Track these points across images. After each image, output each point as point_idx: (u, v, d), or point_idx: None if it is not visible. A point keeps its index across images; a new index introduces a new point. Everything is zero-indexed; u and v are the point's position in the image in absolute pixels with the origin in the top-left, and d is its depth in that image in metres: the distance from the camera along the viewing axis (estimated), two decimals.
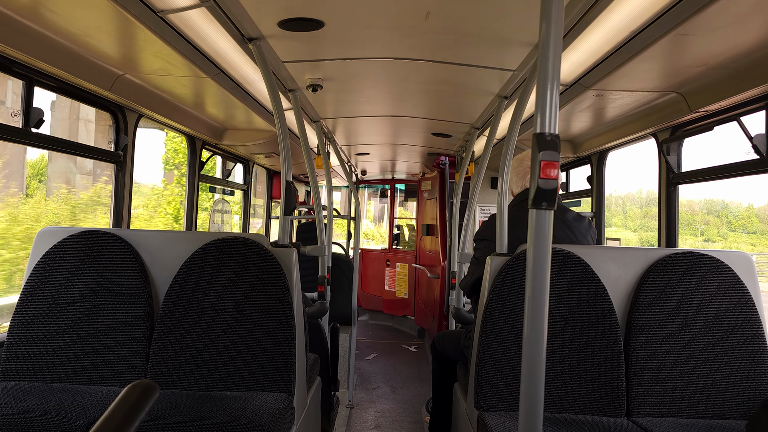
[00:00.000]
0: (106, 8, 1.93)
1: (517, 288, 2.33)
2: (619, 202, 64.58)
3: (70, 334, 2.35)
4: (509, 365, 2.28)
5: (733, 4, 1.70)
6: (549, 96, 1.29)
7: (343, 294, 5.29)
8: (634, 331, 2.32)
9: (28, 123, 2.43)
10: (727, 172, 2.74)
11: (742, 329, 2.29)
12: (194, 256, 2.42)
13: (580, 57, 2.41)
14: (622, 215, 62.55)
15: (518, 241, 2.64)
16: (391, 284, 9.00)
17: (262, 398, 2.18)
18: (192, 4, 2.02)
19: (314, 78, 3.10)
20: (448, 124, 4.41)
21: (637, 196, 66.59)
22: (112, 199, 3.24)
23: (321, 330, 3.75)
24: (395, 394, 5.53)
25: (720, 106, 2.57)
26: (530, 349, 1.32)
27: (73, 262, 2.41)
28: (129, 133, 3.22)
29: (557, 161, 1.27)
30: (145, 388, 0.90)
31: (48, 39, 2.26)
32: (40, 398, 2.06)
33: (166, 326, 2.35)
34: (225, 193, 5.36)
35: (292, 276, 2.46)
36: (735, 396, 2.26)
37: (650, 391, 2.28)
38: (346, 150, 6.15)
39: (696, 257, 2.37)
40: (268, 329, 2.34)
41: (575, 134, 4.00)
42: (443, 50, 2.60)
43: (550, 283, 1.32)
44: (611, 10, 1.92)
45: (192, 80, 2.90)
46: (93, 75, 2.62)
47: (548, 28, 1.30)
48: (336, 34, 2.40)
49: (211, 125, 4.14)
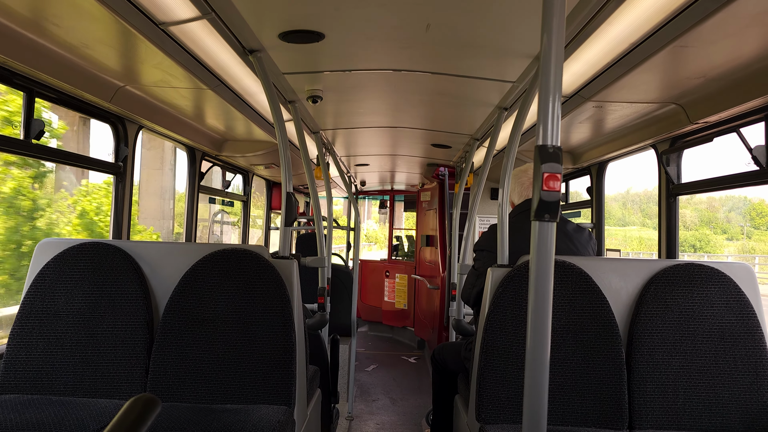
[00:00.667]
0: (107, 20, 1.94)
1: (518, 299, 2.32)
2: (636, 200, 62.71)
3: (70, 346, 2.34)
4: (511, 377, 2.27)
5: (732, 16, 1.71)
6: (551, 108, 1.29)
7: (342, 305, 5.28)
8: (636, 342, 2.31)
9: (29, 134, 2.43)
10: (727, 183, 2.74)
11: (745, 341, 2.28)
12: (194, 267, 2.42)
13: (580, 68, 2.42)
14: (640, 213, 60.15)
15: (518, 252, 2.64)
16: (391, 295, 8.97)
17: (263, 411, 2.16)
18: (193, 17, 2.03)
19: (314, 89, 3.10)
20: (447, 135, 4.42)
21: (654, 193, 64.53)
22: (112, 210, 3.24)
23: (321, 341, 3.73)
24: (395, 406, 5.50)
25: (719, 117, 2.57)
26: (533, 362, 1.31)
27: (73, 273, 2.40)
28: (129, 144, 3.22)
29: (560, 173, 1.27)
30: (146, 402, 0.89)
31: (49, 51, 2.27)
32: (38, 411, 2.04)
33: (166, 338, 2.33)
34: (224, 204, 5.36)
35: (293, 287, 2.45)
36: (737, 409, 2.24)
37: (652, 403, 2.26)
38: (346, 161, 6.16)
39: (697, 269, 2.37)
40: (268, 341, 2.33)
41: (575, 145, 4.01)
42: (443, 62, 2.61)
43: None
44: (611, 23, 1.93)
45: (192, 92, 2.91)
46: (94, 86, 2.62)
47: (549, 40, 1.30)
48: (336, 46, 2.41)
49: (211, 136, 4.15)
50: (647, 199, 61.09)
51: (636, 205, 61.55)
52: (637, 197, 62.29)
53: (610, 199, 59.30)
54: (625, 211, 60.71)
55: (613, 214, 58.72)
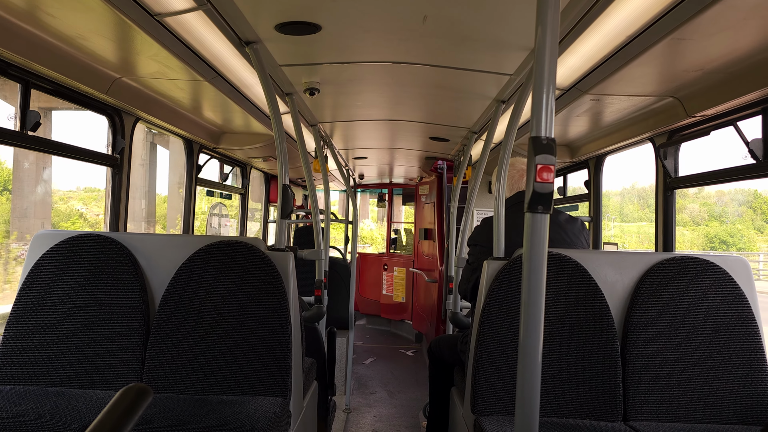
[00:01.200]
0: (102, 11, 1.93)
1: (513, 292, 2.32)
2: (643, 194, 60.39)
3: (66, 337, 2.34)
4: (506, 370, 2.28)
5: (729, 8, 1.71)
6: (545, 99, 1.29)
7: (340, 298, 5.29)
8: (631, 335, 2.32)
9: (25, 126, 2.43)
10: (724, 177, 2.74)
11: (739, 334, 2.29)
12: (190, 259, 2.42)
13: (577, 62, 2.42)
14: (642, 202, 57.53)
15: (513, 245, 2.64)
16: (389, 288, 8.98)
17: (258, 402, 2.17)
18: (189, 7, 2.02)
19: (311, 82, 3.09)
20: (445, 129, 4.41)
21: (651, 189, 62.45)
22: (109, 202, 3.24)
23: (318, 334, 3.74)
24: (392, 399, 5.51)
25: (716, 110, 2.57)
26: (526, 354, 1.31)
27: (69, 265, 2.41)
28: (126, 136, 3.22)
29: (553, 165, 1.27)
30: (138, 392, 0.90)
31: (45, 42, 2.26)
32: (35, 402, 2.05)
33: (162, 329, 2.34)
34: (222, 197, 5.36)
35: (289, 280, 2.45)
36: (732, 401, 2.25)
37: (647, 395, 2.27)
38: (344, 154, 6.15)
39: (693, 262, 2.37)
40: (264, 333, 2.33)
41: (572, 138, 4.01)
42: (441, 54, 2.60)
43: (546, 288, 1.32)
44: (607, 15, 1.92)
45: (189, 84, 2.90)
46: (90, 78, 2.61)
47: (544, 32, 1.30)
48: (333, 38, 2.40)
49: (208, 129, 4.14)
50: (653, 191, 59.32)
51: (642, 200, 60.21)
52: (644, 192, 61.03)
53: (615, 194, 58.24)
54: (632, 207, 59.48)
55: (626, 212, 57.33)
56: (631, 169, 78.37)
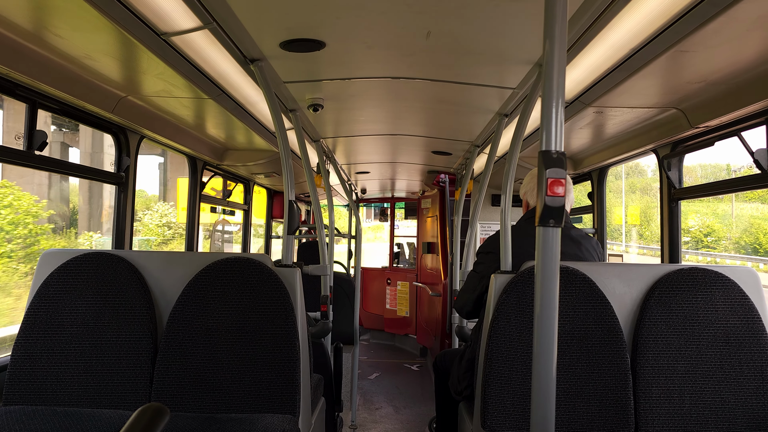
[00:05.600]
0: (109, 31, 1.95)
1: (522, 305, 2.31)
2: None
3: (74, 356, 2.33)
4: (516, 384, 2.26)
5: (732, 20, 1.72)
6: (554, 113, 1.30)
7: (344, 313, 5.27)
8: (641, 348, 2.30)
9: (32, 146, 2.44)
10: (729, 187, 2.74)
11: (750, 345, 2.27)
12: (198, 276, 2.41)
13: (581, 74, 2.43)
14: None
15: (524, 254, 2.63)
16: (392, 303, 8.95)
17: (267, 420, 2.15)
18: (195, 27, 2.04)
19: (315, 98, 3.11)
20: (448, 142, 4.42)
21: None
22: (114, 220, 3.24)
23: (324, 350, 3.72)
24: (398, 414, 5.47)
25: (720, 121, 2.58)
26: (540, 368, 1.30)
27: (77, 284, 2.40)
28: (131, 154, 3.23)
29: (564, 178, 1.28)
30: (155, 411, 0.89)
31: (51, 62, 2.28)
32: (43, 422, 2.03)
33: (170, 347, 2.33)
34: (225, 213, 5.36)
35: (296, 296, 2.44)
36: (743, 413, 2.23)
37: (659, 408, 2.25)
38: (347, 169, 6.17)
39: (701, 273, 2.36)
40: (272, 350, 2.32)
41: (575, 151, 4.02)
42: (443, 69, 2.61)
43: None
44: (611, 28, 1.94)
45: (194, 101, 2.92)
46: (96, 97, 2.63)
47: (552, 46, 1.31)
48: (337, 54, 2.41)
49: (212, 146, 4.15)
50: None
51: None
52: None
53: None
54: (627, 200, 56.97)
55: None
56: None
